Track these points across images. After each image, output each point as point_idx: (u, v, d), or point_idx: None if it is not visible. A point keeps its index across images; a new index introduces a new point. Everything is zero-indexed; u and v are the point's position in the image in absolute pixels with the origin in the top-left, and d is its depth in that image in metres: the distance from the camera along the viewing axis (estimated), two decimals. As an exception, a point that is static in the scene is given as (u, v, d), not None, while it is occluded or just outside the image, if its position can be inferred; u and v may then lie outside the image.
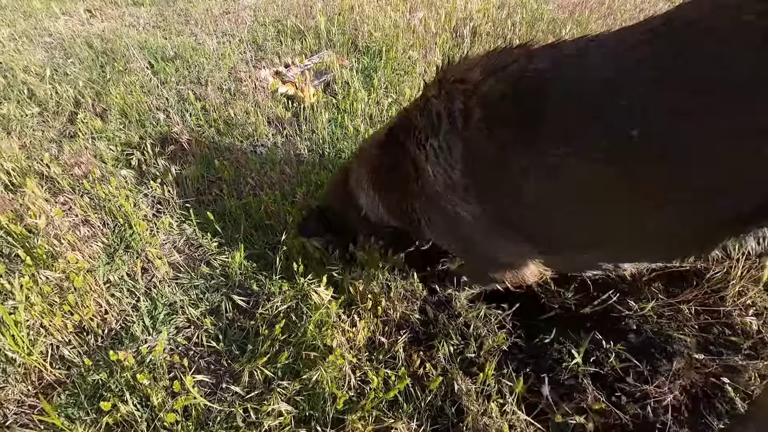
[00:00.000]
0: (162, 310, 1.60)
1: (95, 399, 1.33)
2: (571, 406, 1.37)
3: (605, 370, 1.46)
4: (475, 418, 1.31)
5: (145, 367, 1.38)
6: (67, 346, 1.46)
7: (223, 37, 3.66)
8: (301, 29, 3.64)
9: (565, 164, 0.94)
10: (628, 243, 1.09)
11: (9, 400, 1.34)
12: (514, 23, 3.67)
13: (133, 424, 1.27)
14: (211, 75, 3.03)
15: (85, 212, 1.93)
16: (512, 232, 1.18)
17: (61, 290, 1.57)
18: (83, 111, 2.59)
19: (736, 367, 1.43)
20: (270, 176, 2.21)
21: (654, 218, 0.94)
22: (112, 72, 3.04)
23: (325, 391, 1.33)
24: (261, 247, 1.85)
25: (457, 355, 1.51)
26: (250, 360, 1.42)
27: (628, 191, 0.92)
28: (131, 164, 2.29)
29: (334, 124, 2.60)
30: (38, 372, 1.40)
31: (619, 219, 1.00)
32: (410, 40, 3.42)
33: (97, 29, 3.82)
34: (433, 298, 1.68)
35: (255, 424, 1.28)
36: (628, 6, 4.34)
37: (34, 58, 3.26)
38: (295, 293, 1.58)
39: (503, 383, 1.40)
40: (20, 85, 2.86)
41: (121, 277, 1.70)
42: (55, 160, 2.17)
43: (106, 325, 1.56)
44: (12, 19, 4.00)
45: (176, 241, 1.92)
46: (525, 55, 1.02)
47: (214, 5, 4.37)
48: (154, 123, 2.57)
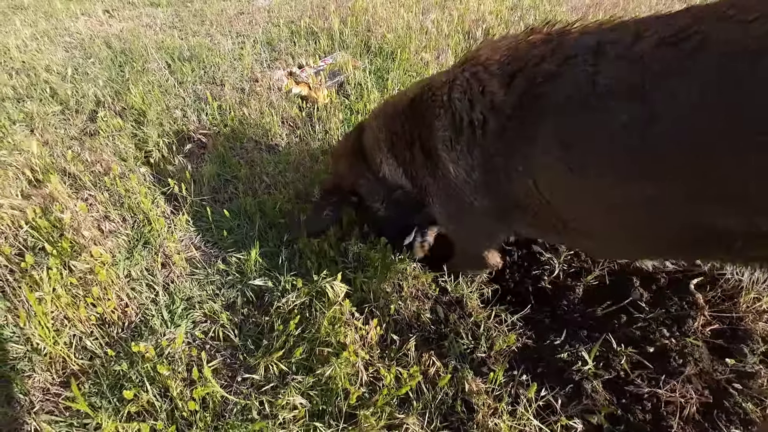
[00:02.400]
0: (180, 305, 1.65)
1: (117, 388, 1.38)
2: (580, 408, 1.38)
3: (615, 373, 1.47)
4: (485, 417, 1.33)
5: (164, 359, 1.43)
6: (89, 337, 1.51)
7: (238, 38, 3.72)
8: (314, 30, 3.68)
9: (570, 170, 0.99)
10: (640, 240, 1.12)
11: (35, 388, 1.39)
12: (527, 25, 3.67)
13: (153, 413, 1.32)
14: (226, 75, 3.08)
15: (106, 208, 1.99)
16: (519, 219, 1.26)
17: (85, 283, 1.62)
18: (103, 109, 2.66)
19: (749, 373, 1.43)
20: (284, 175, 2.25)
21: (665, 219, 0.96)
22: (130, 72, 3.11)
23: (338, 387, 1.36)
24: (275, 245, 1.89)
25: (467, 354, 1.53)
26: (265, 354, 1.45)
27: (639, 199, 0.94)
28: (150, 162, 2.35)
29: (347, 125, 2.63)
30: (62, 362, 1.45)
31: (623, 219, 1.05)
32: (423, 41, 3.44)
33: (115, 29, 3.90)
34: (444, 298, 1.70)
35: (270, 416, 1.31)
36: (643, 8, 4.31)
37: (55, 57, 3.35)
38: (310, 290, 1.61)
39: (514, 384, 1.42)
40: (42, 84, 2.95)
41: (140, 271, 1.75)
42: (77, 157, 2.24)
43: (127, 318, 1.61)
44: (34, 19, 4.11)
45: (193, 238, 1.96)
46: (538, 57, 1.03)
47: (229, 6, 4.43)
48: (172, 122, 2.62)
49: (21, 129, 2.51)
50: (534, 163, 1.07)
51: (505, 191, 1.20)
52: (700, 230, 0.92)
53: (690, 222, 0.92)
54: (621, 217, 1.04)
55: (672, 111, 0.82)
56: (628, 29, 0.92)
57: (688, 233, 0.96)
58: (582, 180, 1.00)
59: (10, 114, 2.62)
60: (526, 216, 1.23)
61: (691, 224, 0.92)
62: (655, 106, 0.83)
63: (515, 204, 1.21)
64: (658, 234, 1.03)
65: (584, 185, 1.02)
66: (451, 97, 1.22)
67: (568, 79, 0.96)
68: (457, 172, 1.24)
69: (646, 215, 0.97)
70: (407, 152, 1.42)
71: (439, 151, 1.27)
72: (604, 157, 0.95)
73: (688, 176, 0.85)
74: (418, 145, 1.37)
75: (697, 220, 0.90)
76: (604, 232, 1.16)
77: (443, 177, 1.31)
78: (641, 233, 1.07)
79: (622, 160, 0.92)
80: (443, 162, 1.28)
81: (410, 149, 1.41)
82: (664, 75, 0.82)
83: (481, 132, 1.15)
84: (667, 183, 0.88)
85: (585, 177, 0.99)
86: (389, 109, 1.47)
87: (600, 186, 0.99)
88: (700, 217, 0.89)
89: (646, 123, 0.85)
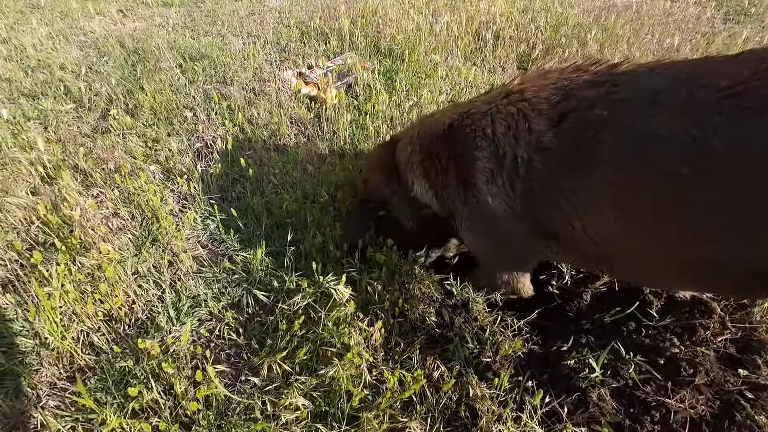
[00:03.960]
0: (186, 303, 1.66)
1: (122, 385, 1.39)
2: (586, 416, 1.36)
3: (624, 381, 1.44)
4: (489, 423, 1.31)
5: (169, 357, 1.44)
6: (96, 333, 1.52)
7: (249, 38, 3.74)
8: (324, 31, 3.70)
9: (621, 217, 1.01)
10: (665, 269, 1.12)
11: (42, 382, 1.41)
12: (538, 27, 3.64)
13: (157, 410, 1.33)
14: (236, 75, 3.10)
15: (116, 205, 2.01)
16: (554, 246, 1.25)
17: (93, 279, 1.64)
18: (115, 107, 2.69)
19: (762, 385, 1.39)
20: (292, 175, 2.25)
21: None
22: (142, 70, 3.15)
23: (342, 388, 1.35)
24: (281, 245, 1.89)
25: (472, 359, 1.51)
26: (269, 354, 1.45)
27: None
28: (159, 160, 2.37)
29: (355, 126, 2.63)
30: (69, 357, 1.47)
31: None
32: (432, 43, 3.43)
33: (129, 29, 3.96)
34: (450, 301, 1.69)
35: (273, 416, 1.31)
36: (657, 11, 4.25)
37: (70, 56, 3.40)
38: (315, 291, 1.61)
39: (519, 390, 1.40)
40: (57, 81, 2.99)
41: (148, 268, 1.76)
42: (89, 154, 2.27)
43: (133, 315, 1.62)
44: (50, 18, 4.18)
45: (200, 236, 1.98)
46: (590, 100, 1.02)
47: (240, 6, 4.47)
48: (182, 120, 2.65)
49: (35, 126, 2.56)
50: (583, 206, 1.07)
51: (548, 227, 1.20)
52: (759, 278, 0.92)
53: (744, 271, 0.92)
54: (667, 259, 1.05)
55: (732, 167, 0.81)
56: (681, 76, 0.91)
57: (742, 276, 0.95)
58: (632, 227, 1.01)
59: (25, 111, 2.67)
60: (567, 250, 1.24)
61: (746, 272, 0.92)
62: (713, 161, 0.82)
63: (557, 239, 1.21)
64: (709, 277, 1.04)
65: (633, 232, 1.02)
66: (494, 130, 1.21)
67: (622, 126, 0.95)
68: (495, 204, 1.25)
69: (694, 260, 0.98)
70: (441, 177, 1.42)
71: (477, 181, 1.27)
72: (657, 206, 0.94)
73: (745, 233, 0.85)
74: (453, 172, 1.37)
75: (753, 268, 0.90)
76: (649, 271, 1.17)
77: (477, 204, 1.31)
78: (688, 273, 1.08)
79: (675, 212, 0.91)
80: (481, 192, 1.28)
81: (444, 174, 1.41)
82: (725, 129, 0.81)
83: (525, 169, 1.15)
84: (721, 239, 0.88)
85: (635, 225, 1.00)
86: (426, 131, 1.47)
87: (650, 234, 1.00)
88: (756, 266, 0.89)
89: (703, 177, 0.84)
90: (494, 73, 3.24)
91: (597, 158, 0.99)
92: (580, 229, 1.10)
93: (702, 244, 0.92)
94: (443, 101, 2.79)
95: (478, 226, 1.37)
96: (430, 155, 1.44)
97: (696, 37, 3.73)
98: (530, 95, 1.17)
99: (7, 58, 3.31)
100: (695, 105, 0.85)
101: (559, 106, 1.09)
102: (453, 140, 1.34)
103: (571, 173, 1.06)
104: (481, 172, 1.25)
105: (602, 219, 1.05)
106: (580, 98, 1.04)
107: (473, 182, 1.29)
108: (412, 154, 1.51)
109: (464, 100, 1.69)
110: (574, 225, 1.11)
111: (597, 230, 1.08)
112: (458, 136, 1.32)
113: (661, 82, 0.93)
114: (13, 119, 2.56)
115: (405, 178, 1.55)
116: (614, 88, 1.00)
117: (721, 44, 3.54)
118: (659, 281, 1.27)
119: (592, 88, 1.03)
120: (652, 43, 3.53)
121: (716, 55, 0.91)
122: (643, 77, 0.98)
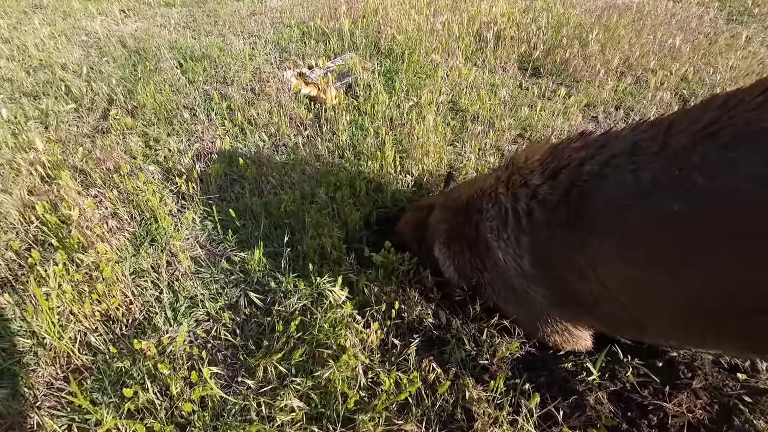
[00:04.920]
0: (183, 303, 1.66)
1: (118, 385, 1.39)
2: (582, 419, 1.35)
3: (621, 385, 1.43)
4: (485, 426, 1.31)
5: (165, 357, 1.44)
6: (93, 333, 1.53)
7: (250, 38, 3.75)
8: (325, 31, 3.69)
9: (611, 261, 1.03)
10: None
11: (39, 382, 1.41)
12: (539, 27, 3.63)
13: (153, 411, 1.33)
14: (236, 75, 3.11)
15: (114, 205, 2.01)
16: (576, 309, 1.28)
17: (91, 279, 1.64)
18: (116, 108, 2.70)
19: (761, 389, 1.38)
20: (291, 176, 2.25)
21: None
22: (143, 71, 3.16)
23: (337, 390, 1.35)
24: (279, 246, 1.89)
25: (469, 361, 1.51)
26: (265, 355, 1.45)
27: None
28: (158, 160, 2.37)
29: (355, 126, 2.63)
30: (66, 357, 1.47)
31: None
32: (433, 43, 3.43)
33: (130, 29, 3.97)
34: (447, 303, 1.68)
35: (268, 418, 1.31)
36: (659, 11, 4.23)
37: (71, 56, 3.41)
38: (311, 292, 1.61)
39: (515, 393, 1.40)
40: (58, 81, 3.01)
41: (145, 269, 1.77)
42: (88, 154, 2.27)
43: (131, 315, 1.63)
44: (52, 18, 4.20)
45: (198, 237, 1.98)
46: (578, 159, 1.09)
47: (241, 6, 4.48)
48: (182, 121, 2.65)
49: (35, 126, 2.57)
50: (592, 258, 1.08)
51: (557, 279, 1.22)
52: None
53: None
54: (667, 301, 1.03)
55: (718, 195, 0.83)
56: (661, 126, 0.95)
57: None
58: (632, 268, 1.01)
59: (26, 111, 2.68)
60: (596, 316, 1.26)
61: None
62: (699, 192, 0.84)
63: (567, 291, 1.22)
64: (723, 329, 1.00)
65: (648, 283, 1.02)
66: (497, 192, 1.32)
67: (612, 177, 1.00)
68: (506, 259, 1.31)
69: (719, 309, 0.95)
70: (458, 246, 1.54)
71: (489, 240, 1.35)
72: (654, 245, 0.96)
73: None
74: (467, 241, 1.48)
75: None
76: (681, 329, 1.14)
77: (495, 265, 1.37)
78: (698, 321, 1.04)
79: (672, 247, 0.92)
80: (491, 249, 1.35)
81: (460, 243, 1.52)
82: (703, 166, 0.84)
83: (526, 221, 1.20)
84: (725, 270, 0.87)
85: (635, 265, 1.00)
86: (452, 205, 1.60)
87: (650, 273, 1.00)
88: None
89: (691, 211, 0.86)
90: (495, 74, 3.23)
91: (591, 206, 1.04)
92: (596, 284, 1.10)
93: (717, 285, 0.90)
94: (443, 102, 2.78)
95: (499, 284, 1.44)
96: (452, 226, 1.56)
97: (698, 37, 3.71)
98: (524, 159, 1.29)
99: (9, 57, 3.33)
100: (674, 145, 0.90)
101: (553, 164, 1.16)
102: (468, 212, 1.46)
103: (568, 222, 1.09)
104: (489, 231, 1.34)
105: (615, 272, 1.06)
106: (572, 158, 1.12)
107: (485, 240, 1.37)
108: (440, 223, 1.63)
109: (480, 175, 1.88)
110: (589, 278, 1.10)
111: (614, 284, 1.07)
112: (471, 207, 1.45)
113: (642, 134, 0.99)
114: (14, 119, 2.57)
115: (432, 242, 1.67)
116: (602, 149, 1.06)
117: (723, 45, 3.52)
118: (695, 340, 1.22)
119: (582, 150, 1.11)
120: (654, 43, 3.51)
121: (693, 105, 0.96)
122: (626, 136, 1.04)
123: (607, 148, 1.05)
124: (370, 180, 2.23)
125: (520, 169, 1.27)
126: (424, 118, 2.48)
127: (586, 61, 3.28)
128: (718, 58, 3.33)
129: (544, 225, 1.17)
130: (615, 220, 1.01)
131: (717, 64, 3.27)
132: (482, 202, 1.38)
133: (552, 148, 1.22)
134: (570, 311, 1.31)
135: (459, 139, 2.56)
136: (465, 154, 2.42)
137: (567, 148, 1.17)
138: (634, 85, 3.14)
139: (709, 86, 3.03)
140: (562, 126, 2.65)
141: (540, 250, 1.21)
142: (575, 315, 1.33)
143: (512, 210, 1.25)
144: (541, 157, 1.23)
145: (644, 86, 3.10)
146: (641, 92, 3.03)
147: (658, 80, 2.85)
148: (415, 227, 1.80)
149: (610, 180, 1.01)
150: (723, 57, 3.34)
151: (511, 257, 1.29)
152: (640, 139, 0.98)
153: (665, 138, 0.92)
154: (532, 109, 2.76)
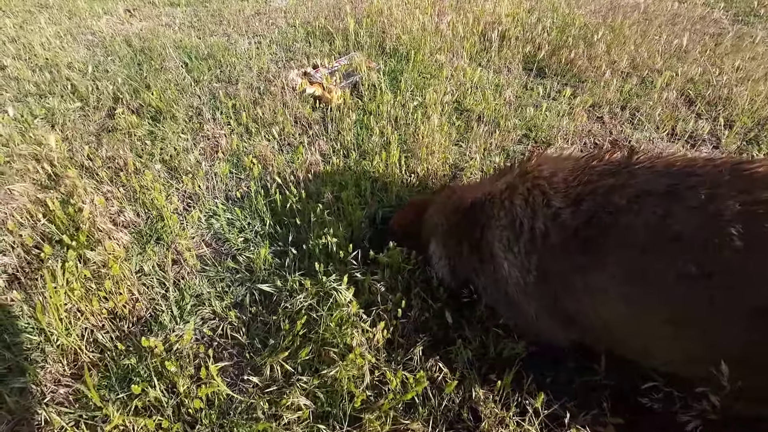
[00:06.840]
0: (189, 301, 1.66)
1: (125, 382, 1.40)
2: (589, 419, 1.34)
3: (627, 385, 1.42)
4: (491, 427, 1.30)
5: (172, 355, 1.44)
6: (100, 331, 1.53)
7: (254, 38, 3.76)
8: (330, 31, 3.70)
9: (627, 301, 1.04)
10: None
11: (47, 379, 1.42)
12: (544, 27, 3.62)
13: (160, 408, 1.33)
14: (242, 74, 3.11)
15: (121, 203, 2.02)
16: (570, 324, 1.28)
17: (98, 277, 1.65)
18: (121, 106, 2.71)
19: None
20: (296, 175, 2.26)
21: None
22: (148, 70, 3.17)
23: (344, 389, 1.35)
24: (285, 244, 1.90)
25: (475, 360, 1.50)
26: (271, 354, 1.46)
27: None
28: (164, 159, 2.38)
29: (360, 126, 2.63)
30: (74, 354, 1.48)
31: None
32: (437, 43, 3.43)
33: (135, 28, 3.98)
34: (453, 303, 1.68)
35: (275, 416, 1.31)
36: (664, 11, 4.22)
37: (77, 55, 3.43)
38: (317, 291, 1.61)
39: (521, 393, 1.39)
40: (64, 80, 3.02)
41: (152, 267, 1.77)
42: (94, 152, 2.28)
43: (137, 313, 1.63)
44: (58, 18, 4.22)
45: (204, 235, 1.98)
46: (607, 188, 1.07)
47: (246, 6, 4.49)
48: (187, 120, 2.66)
49: (42, 124, 2.58)
50: (595, 286, 1.09)
51: (558, 300, 1.22)
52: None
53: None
54: (668, 346, 1.07)
55: (741, 281, 0.83)
56: (702, 179, 0.93)
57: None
58: (635, 312, 1.03)
59: (33, 109, 2.69)
60: (589, 337, 1.28)
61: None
62: (724, 268, 0.84)
63: (566, 313, 1.23)
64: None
65: (636, 317, 1.04)
66: (513, 202, 1.27)
67: (639, 216, 0.98)
68: (511, 272, 1.29)
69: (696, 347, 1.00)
70: (457, 246, 1.51)
71: (495, 248, 1.32)
72: (662, 297, 0.97)
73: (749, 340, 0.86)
74: (467, 242, 1.45)
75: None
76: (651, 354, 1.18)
77: (494, 272, 1.35)
78: (693, 356, 1.07)
79: (679, 306, 0.94)
80: (497, 259, 1.32)
81: (459, 243, 1.49)
82: (740, 241, 0.83)
83: (541, 241, 1.18)
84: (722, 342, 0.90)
85: (640, 309, 1.02)
86: (453, 205, 1.57)
87: (652, 320, 1.02)
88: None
89: (710, 280, 0.86)
90: (500, 74, 3.23)
91: (612, 241, 1.03)
92: (590, 308, 1.12)
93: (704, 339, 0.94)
94: (448, 102, 2.78)
95: (495, 292, 1.42)
96: (452, 225, 1.54)
97: (704, 38, 3.70)
98: (547, 174, 1.24)
99: (15, 56, 3.35)
100: (714, 209, 0.88)
101: (578, 188, 1.14)
102: (473, 214, 1.43)
103: (586, 250, 1.09)
104: (499, 240, 1.31)
105: (608, 300, 1.07)
106: (599, 185, 1.09)
107: (490, 250, 1.34)
108: (438, 221, 1.61)
109: (484, 179, 1.86)
110: (585, 303, 1.13)
111: (602, 309, 1.10)
112: (477, 210, 1.41)
113: (686, 180, 0.97)
114: (21, 117, 2.59)
115: (427, 239, 1.65)
116: (631, 179, 1.05)
117: (729, 45, 3.50)
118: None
119: (612, 177, 1.08)
120: (660, 44, 3.50)
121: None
122: (661, 173, 1.02)
123: (638, 182, 1.03)
124: (375, 179, 2.23)
125: (540, 184, 1.23)
126: (429, 118, 2.48)
127: (591, 62, 3.27)
128: (725, 59, 3.32)
129: (558, 248, 1.15)
130: (629, 262, 1.00)
131: (723, 65, 3.25)
132: (493, 207, 1.35)
133: (580, 167, 1.19)
134: (556, 321, 1.32)
135: (464, 139, 2.56)
136: (470, 154, 2.42)
137: (595, 170, 1.14)
138: (640, 85, 3.13)
139: (715, 87, 3.02)
140: (567, 126, 2.64)
141: (547, 270, 1.20)
142: (560, 324, 1.33)
143: (528, 227, 1.21)
144: (566, 175, 1.20)
145: (650, 87, 3.09)
146: (647, 93, 3.02)
147: (664, 81, 2.84)
148: (408, 224, 1.77)
149: (636, 218, 0.99)
150: (729, 58, 3.32)
151: (517, 270, 1.27)
152: (679, 184, 0.95)
153: (710, 195, 0.89)
154: (537, 109, 2.75)
